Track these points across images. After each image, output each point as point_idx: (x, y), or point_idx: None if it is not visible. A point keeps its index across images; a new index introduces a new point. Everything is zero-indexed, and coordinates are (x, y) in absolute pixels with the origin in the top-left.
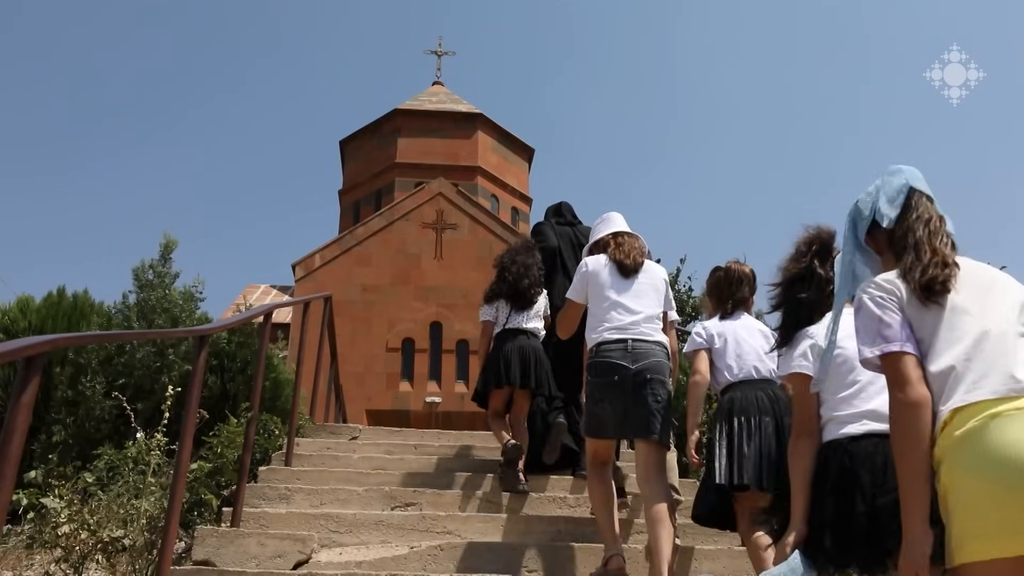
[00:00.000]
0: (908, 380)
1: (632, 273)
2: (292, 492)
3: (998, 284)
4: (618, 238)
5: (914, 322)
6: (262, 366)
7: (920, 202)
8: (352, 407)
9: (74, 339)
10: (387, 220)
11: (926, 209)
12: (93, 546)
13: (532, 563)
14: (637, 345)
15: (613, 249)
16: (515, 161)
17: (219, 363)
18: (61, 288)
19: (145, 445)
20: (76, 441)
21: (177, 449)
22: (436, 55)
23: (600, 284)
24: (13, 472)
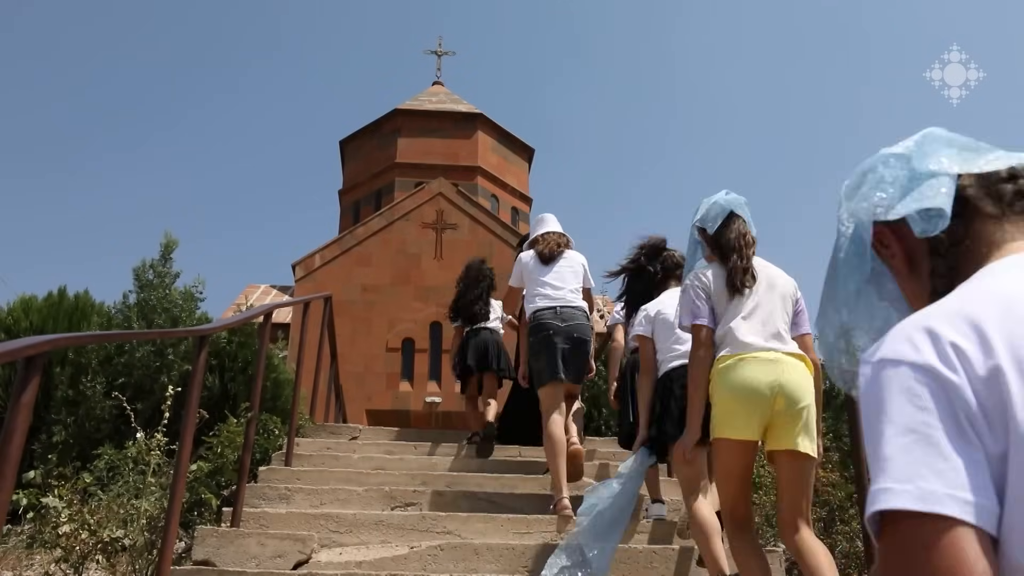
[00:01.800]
0: (702, 343)
1: (552, 260)
2: (292, 492)
3: (776, 280)
4: (545, 236)
5: (717, 301)
6: (262, 366)
7: (737, 224)
8: (352, 407)
9: (74, 339)
10: (387, 220)
11: (743, 230)
12: (93, 546)
13: (532, 563)
14: (564, 310)
15: (539, 245)
16: (515, 161)
17: (219, 363)
18: (62, 288)
19: (145, 445)
20: (76, 441)
21: (177, 449)
22: (436, 55)
23: (531, 270)
24: (13, 472)
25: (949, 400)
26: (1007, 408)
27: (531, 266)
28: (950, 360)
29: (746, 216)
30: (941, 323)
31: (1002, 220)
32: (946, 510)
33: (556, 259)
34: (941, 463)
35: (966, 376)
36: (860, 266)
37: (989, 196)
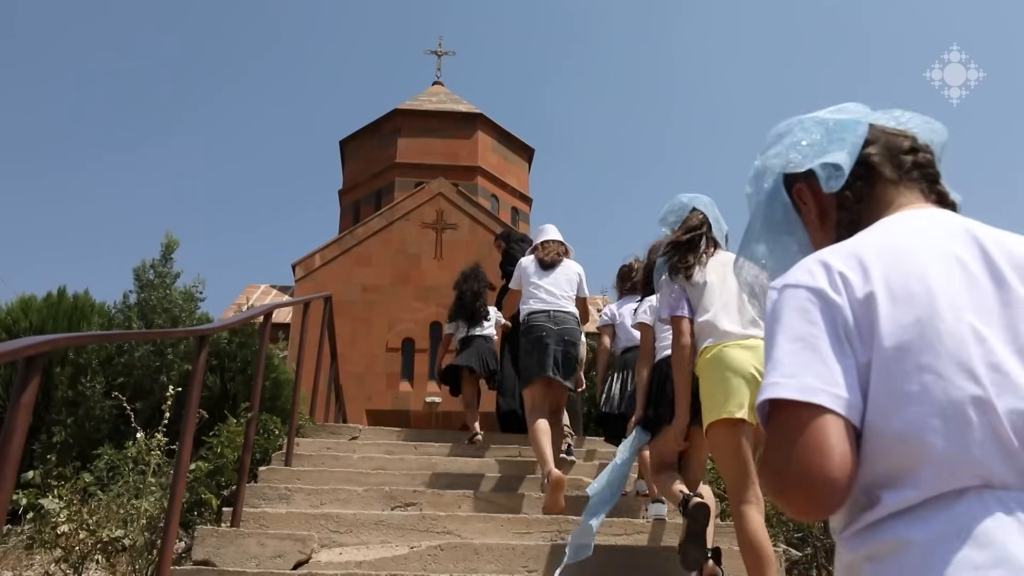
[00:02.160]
0: (682, 332)
1: (551, 267)
2: (292, 492)
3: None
4: (545, 244)
5: (691, 293)
6: (262, 366)
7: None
8: (352, 407)
9: (74, 339)
10: (387, 220)
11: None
12: (92, 546)
13: (532, 563)
14: (557, 314)
15: (540, 252)
16: (515, 161)
17: (219, 363)
18: (62, 288)
19: (145, 445)
20: (76, 441)
21: (177, 449)
22: (436, 55)
23: (530, 275)
24: (13, 472)
25: (832, 317)
26: (875, 325)
27: (531, 271)
28: (837, 285)
29: (710, 213)
30: (834, 258)
31: (899, 184)
32: (819, 400)
33: (555, 266)
34: (820, 365)
35: (847, 298)
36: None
37: (890, 163)
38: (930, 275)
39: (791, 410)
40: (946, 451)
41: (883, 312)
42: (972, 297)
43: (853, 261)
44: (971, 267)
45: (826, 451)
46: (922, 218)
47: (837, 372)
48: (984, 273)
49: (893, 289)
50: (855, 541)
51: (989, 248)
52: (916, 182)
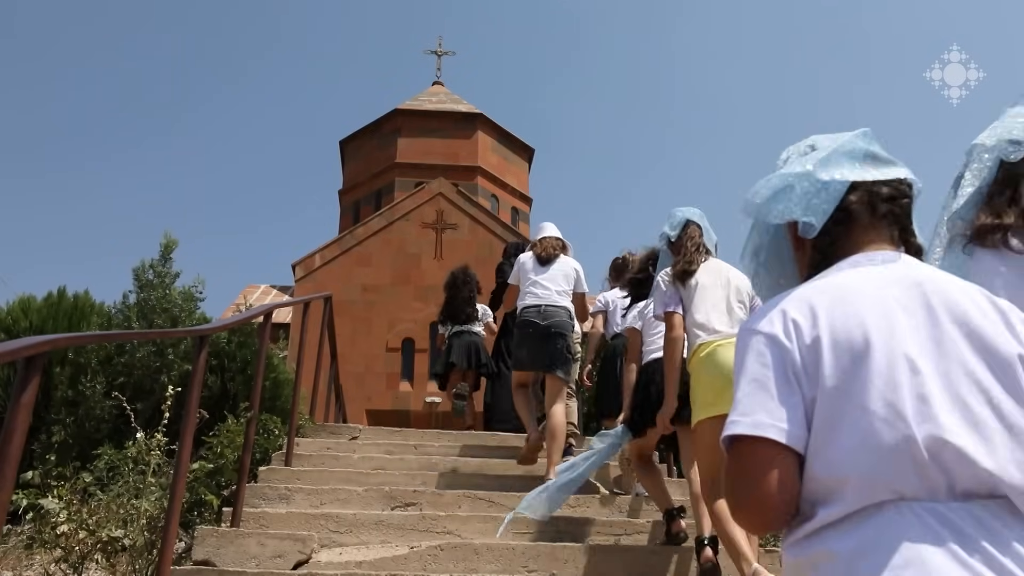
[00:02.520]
0: (674, 326)
1: (547, 263)
2: (292, 492)
3: (731, 278)
4: (543, 241)
5: (684, 295)
6: (262, 366)
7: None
8: (352, 407)
9: (74, 339)
10: (387, 220)
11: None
12: (92, 546)
13: (532, 563)
14: (547, 309)
15: (537, 248)
16: (515, 161)
17: (219, 363)
18: (62, 288)
19: (145, 445)
20: (76, 441)
21: (177, 449)
22: (436, 55)
23: (526, 270)
24: (13, 472)
25: (783, 360)
26: (819, 366)
27: (528, 266)
28: (789, 332)
29: (703, 224)
30: (790, 306)
31: (870, 227)
32: (768, 434)
33: (551, 262)
34: (770, 403)
35: (796, 343)
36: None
37: (867, 209)
38: (868, 321)
39: (745, 444)
40: (868, 473)
41: (826, 355)
42: (910, 336)
43: (806, 308)
44: (911, 309)
45: (770, 481)
46: (873, 263)
47: (783, 409)
48: (923, 315)
49: (836, 334)
50: (795, 549)
51: (928, 293)
52: (888, 227)
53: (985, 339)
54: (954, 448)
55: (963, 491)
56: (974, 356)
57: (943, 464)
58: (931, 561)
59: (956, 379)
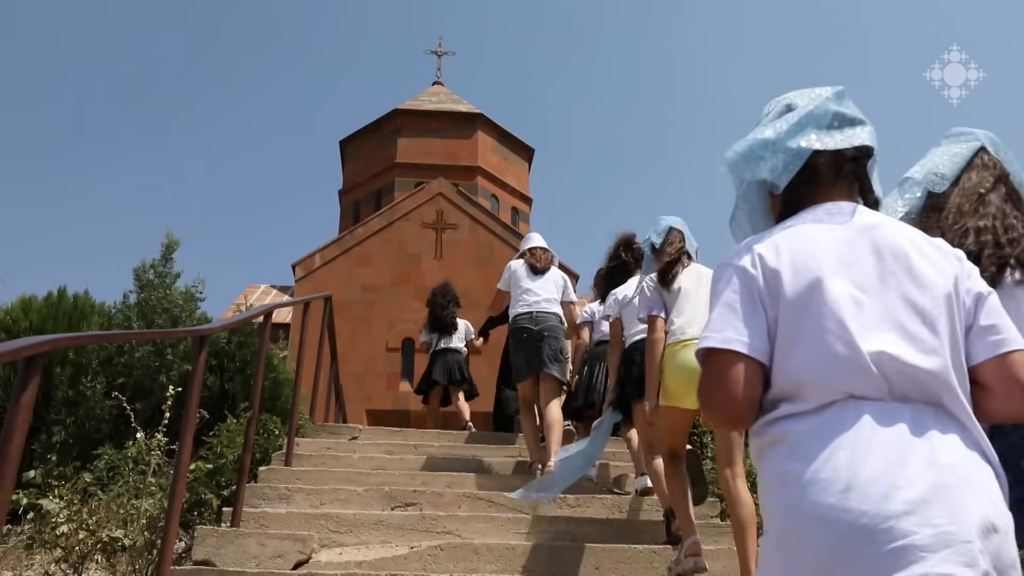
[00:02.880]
0: (656, 329)
1: (539, 272)
2: (292, 492)
3: (704, 277)
4: (534, 251)
5: (665, 299)
6: (262, 366)
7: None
8: (352, 407)
9: (74, 339)
10: (387, 220)
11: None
12: (92, 546)
13: (532, 563)
14: (539, 315)
15: (530, 258)
16: (515, 161)
17: (219, 363)
18: (62, 288)
19: (145, 445)
20: (76, 441)
21: (177, 449)
22: (436, 55)
23: (518, 278)
24: (13, 472)
25: (749, 285)
26: (780, 290)
27: (520, 274)
28: (755, 263)
29: (684, 231)
30: (758, 244)
31: (833, 185)
32: (734, 347)
33: (545, 272)
34: (737, 321)
35: (761, 272)
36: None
37: (832, 169)
38: (823, 257)
39: (716, 355)
40: (823, 377)
41: (787, 282)
42: (856, 273)
43: (771, 245)
44: (860, 250)
45: (736, 384)
46: (830, 212)
47: (748, 327)
48: (870, 256)
49: (796, 265)
50: (760, 432)
51: (876, 237)
52: (849, 184)
53: (921, 275)
54: (890, 356)
55: (901, 393)
56: (913, 288)
57: (883, 370)
58: (864, 441)
59: (895, 305)
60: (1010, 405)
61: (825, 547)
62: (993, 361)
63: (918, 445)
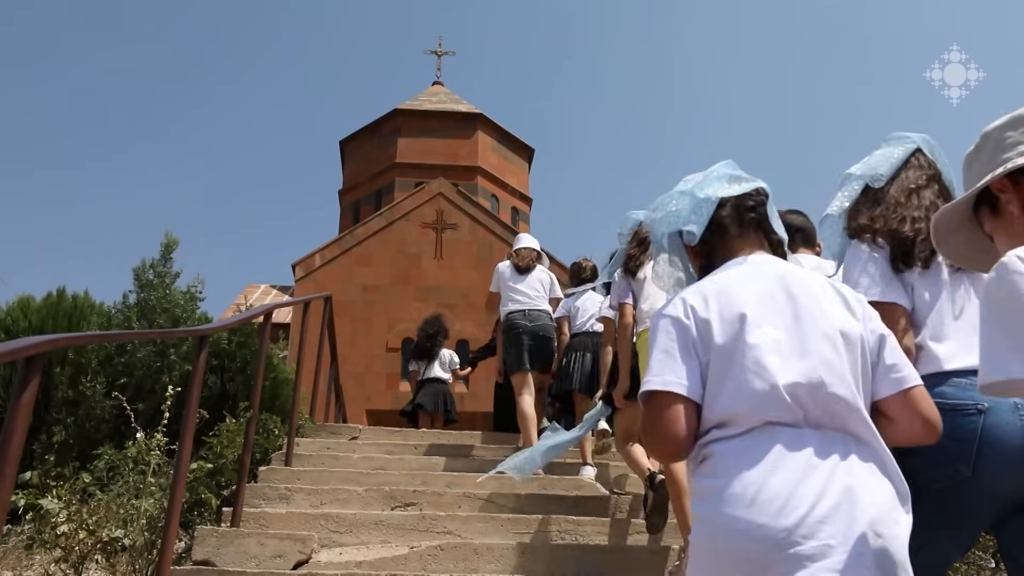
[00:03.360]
0: (624, 315)
1: (523, 272)
2: (292, 492)
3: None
4: (519, 252)
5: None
6: (262, 366)
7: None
8: (352, 407)
9: (74, 339)
10: (387, 220)
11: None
12: (92, 546)
13: (532, 563)
14: (531, 312)
15: (515, 258)
16: (515, 161)
17: (219, 363)
18: (61, 288)
19: (145, 445)
20: (76, 441)
21: (177, 449)
22: (436, 55)
23: (505, 279)
24: (13, 472)
25: (684, 334)
26: (710, 339)
27: (507, 275)
28: (688, 314)
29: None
30: (688, 295)
31: (740, 236)
32: (673, 389)
33: (529, 271)
34: (675, 366)
35: (694, 322)
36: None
37: (735, 222)
38: (745, 306)
39: (657, 397)
40: (746, 408)
41: (715, 329)
42: (774, 316)
43: (700, 297)
44: (775, 295)
45: (675, 422)
46: (745, 267)
47: (684, 370)
48: (786, 299)
49: (722, 315)
50: (694, 454)
51: (789, 283)
52: (754, 232)
53: (831, 314)
54: (805, 385)
55: (814, 420)
56: (825, 325)
57: (798, 399)
58: (771, 462)
59: (810, 341)
60: (911, 433)
61: (731, 552)
62: (897, 396)
63: (820, 468)
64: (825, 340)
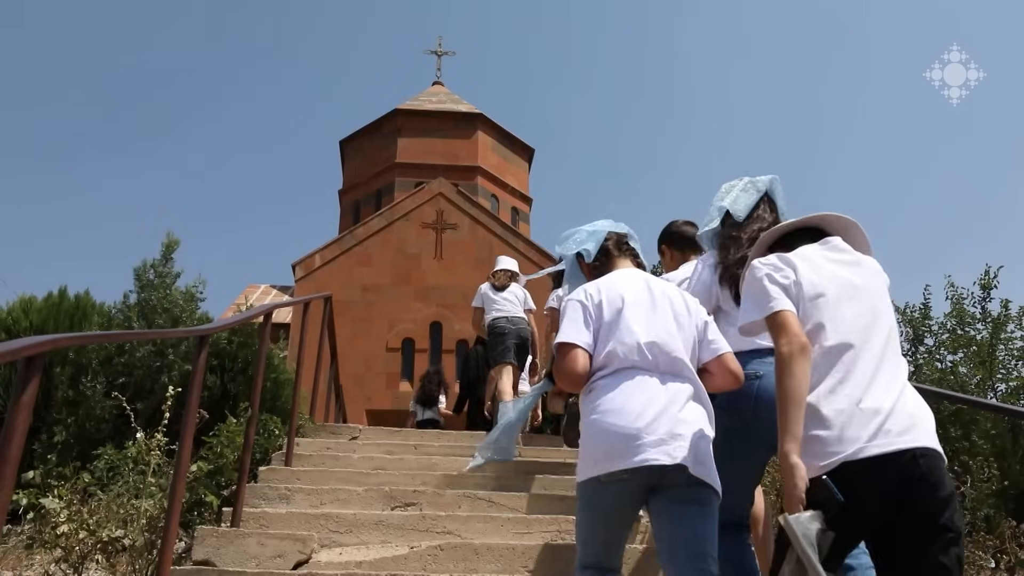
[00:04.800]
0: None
1: (502, 290)
2: (292, 492)
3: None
4: (496, 273)
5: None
6: (262, 366)
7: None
8: (352, 407)
9: (74, 339)
10: (387, 220)
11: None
12: (92, 546)
13: (532, 563)
14: (513, 318)
15: (493, 279)
16: (515, 161)
17: (219, 363)
18: (62, 288)
19: (145, 445)
20: (76, 441)
21: (177, 449)
22: (436, 55)
23: (488, 297)
24: (13, 472)
25: (584, 310)
26: (601, 314)
27: (489, 294)
28: (587, 298)
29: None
30: (587, 287)
31: (619, 257)
32: (575, 342)
33: (505, 288)
34: (577, 329)
35: (590, 303)
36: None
37: (616, 248)
38: (623, 295)
39: (565, 346)
40: (620, 357)
41: (604, 309)
42: (640, 303)
43: (594, 288)
44: (640, 291)
45: (575, 363)
46: (624, 273)
47: (584, 332)
48: (648, 295)
49: (608, 299)
50: (585, 387)
51: (651, 286)
52: (627, 256)
53: (677, 307)
54: (657, 345)
55: (660, 368)
56: (672, 312)
57: (653, 354)
58: (632, 389)
59: (662, 320)
60: (723, 381)
61: (604, 446)
62: (714, 359)
63: (661, 395)
64: (670, 321)
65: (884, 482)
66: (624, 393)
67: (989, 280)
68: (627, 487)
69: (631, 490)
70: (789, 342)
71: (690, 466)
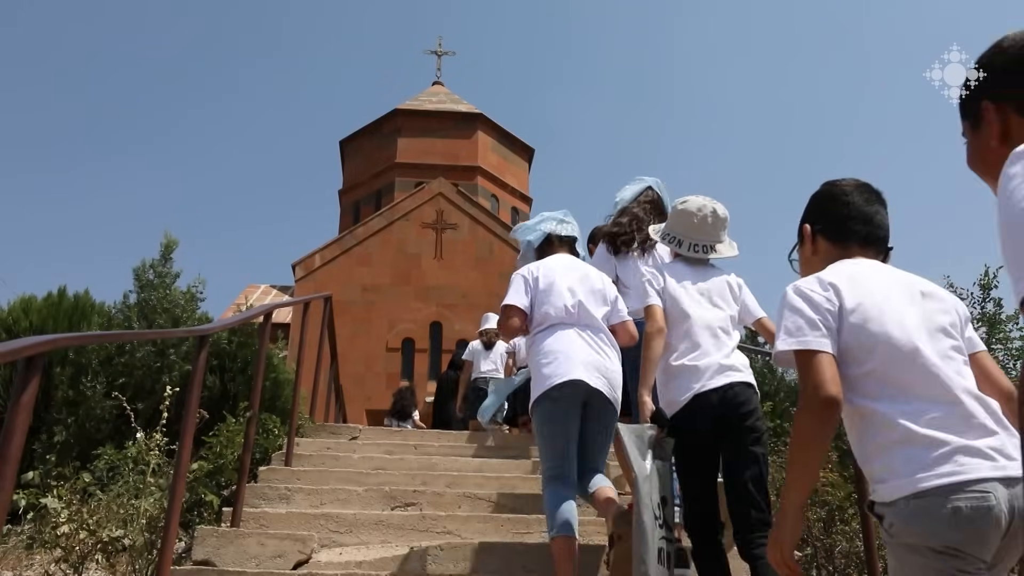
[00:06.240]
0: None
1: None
2: (292, 492)
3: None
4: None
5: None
6: (262, 366)
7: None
8: (352, 407)
9: (74, 339)
10: (387, 220)
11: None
12: (93, 546)
13: (532, 563)
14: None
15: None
16: (515, 161)
17: (219, 363)
18: (62, 288)
19: (145, 445)
20: (76, 441)
21: (177, 449)
22: (436, 55)
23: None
24: (13, 472)
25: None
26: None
27: (479, 350)
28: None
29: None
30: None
31: (559, 247)
32: (517, 303)
33: (492, 346)
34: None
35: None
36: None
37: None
38: (557, 272)
39: (509, 307)
40: (552, 316)
41: (541, 280)
42: (570, 278)
43: (537, 266)
44: (571, 269)
45: (516, 317)
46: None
47: (525, 297)
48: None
49: (545, 275)
50: (528, 340)
51: (580, 267)
52: (567, 247)
53: (595, 282)
54: (581, 306)
55: (582, 324)
56: (590, 286)
57: (577, 313)
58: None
59: (586, 292)
60: (624, 340)
61: (548, 371)
62: (617, 324)
63: (583, 343)
64: (589, 293)
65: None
66: (558, 340)
67: (989, 281)
68: (567, 399)
69: (570, 402)
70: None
71: (605, 391)
